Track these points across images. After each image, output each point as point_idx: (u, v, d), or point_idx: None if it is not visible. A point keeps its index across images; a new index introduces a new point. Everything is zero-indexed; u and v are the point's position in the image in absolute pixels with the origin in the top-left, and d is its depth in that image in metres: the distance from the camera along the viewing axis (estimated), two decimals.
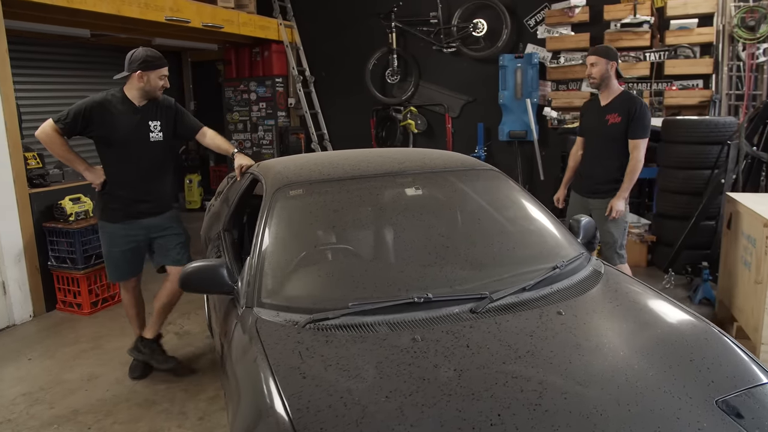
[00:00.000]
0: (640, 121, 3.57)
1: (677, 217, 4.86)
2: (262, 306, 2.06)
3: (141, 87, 3.16)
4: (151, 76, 3.14)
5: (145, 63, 3.11)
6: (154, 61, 3.15)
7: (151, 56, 3.14)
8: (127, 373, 3.49)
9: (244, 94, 8.05)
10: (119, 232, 3.30)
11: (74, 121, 3.10)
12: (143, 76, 3.12)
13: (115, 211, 3.28)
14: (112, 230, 3.30)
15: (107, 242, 3.34)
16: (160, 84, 3.20)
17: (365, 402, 1.56)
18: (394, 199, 2.58)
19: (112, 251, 3.33)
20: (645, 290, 2.28)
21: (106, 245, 3.35)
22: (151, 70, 3.13)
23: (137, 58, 3.12)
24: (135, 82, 3.16)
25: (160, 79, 3.19)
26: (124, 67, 3.18)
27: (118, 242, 3.32)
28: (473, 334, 1.87)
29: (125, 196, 3.27)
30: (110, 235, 3.31)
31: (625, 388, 1.65)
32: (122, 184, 3.26)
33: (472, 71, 7.19)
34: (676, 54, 6.02)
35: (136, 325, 3.54)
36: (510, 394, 1.60)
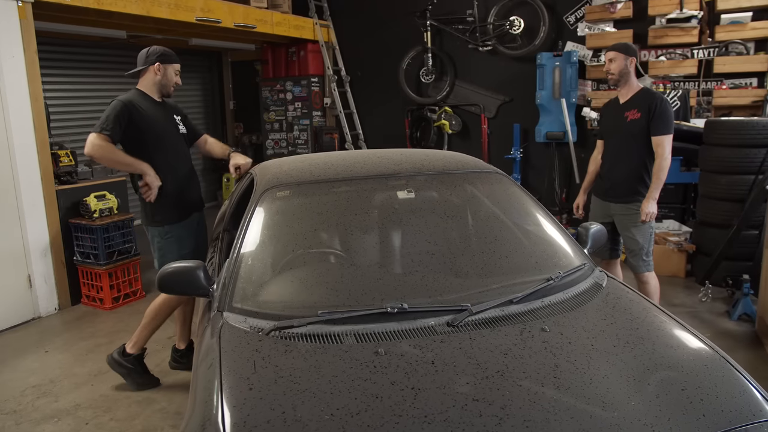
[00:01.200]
0: (662, 116, 3.34)
1: (719, 225, 4.52)
2: (232, 311, 1.99)
3: (158, 80, 3.16)
4: (168, 69, 3.16)
5: (163, 56, 3.14)
6: (171, 55, 3.19)
7: (168, 51, 3.18)
8: None
9: (280, 94, 8.10)
10: (184, 231, 3.24)
11: (118, 125, 2.99)
12: (160, 68, 3.13)
13: (173, 209, 3.20)
14: (179, 231, 3.21)
15: (177, 246, 3.18)
16: (175, 79, 3.21)
17: (307, 419, 1.47)
18: (383, 203, 2.46)
19: (184, 255, 3.13)
20: (648, 308, 2.07)
21: (175, 250, 3.16)
22: (168, 63, 3.15)
23: (154, 52, 3.14)
24: (151, 76, 3.15)
25: (176, 74, 3.21)
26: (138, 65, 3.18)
27: (186, 243, 3.23)
28: (442, 350, 1.74)
29: (176, 192, 3.20)
30: (178, 237, 3.20)
31: (599, 418, 1.49)
32: (171, 181, 3.18)
33: (509, 70, 6.97)
34: (727, 50, 5.63)
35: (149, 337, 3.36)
36: (466, 419, 1.47)
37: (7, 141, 4.19)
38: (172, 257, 3.12)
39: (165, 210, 3.17)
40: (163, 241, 3.19)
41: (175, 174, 3.21)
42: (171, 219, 3.19)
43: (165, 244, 3.19)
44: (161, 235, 3.18)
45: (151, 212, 3.18)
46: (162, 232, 3.18)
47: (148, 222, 3.22)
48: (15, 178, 4.25)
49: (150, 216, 3.19)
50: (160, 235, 3.19)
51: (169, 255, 3.14)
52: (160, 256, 3.19)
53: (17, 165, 4.25)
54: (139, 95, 3.15)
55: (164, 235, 3.18)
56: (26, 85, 4.26)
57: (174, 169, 3.20)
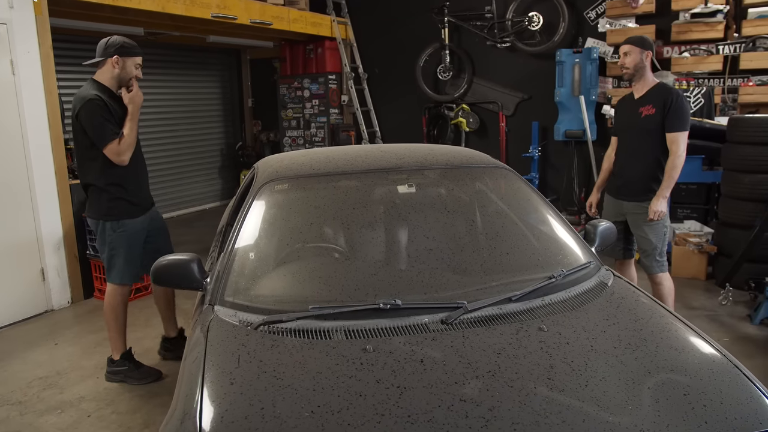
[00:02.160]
0: (677, 112, 3.22)
1: (741, 226, 4.36)
2: (223, 304, 1.96)
3: (116, 74, 3.07)
4: (127, 62, 3.07)
5: (122, 48, 3.04)
6: (132, 48, 3.09)
7: (128, 43, 3.09)
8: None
9: (297, 91, 8.09)
10: (139, 227, 3.23)
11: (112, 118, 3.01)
12: (119, 62, 3.04)
13: (134, 205, 3.19)
14: (133, 227, 3.19)
15: (127, 241, 3.17)
16: (134, 72, 3.11)
17: (286, 416, 1.42)
18: (382, 197, 2.40)
19: (133, 251, 3.20)
20: (654, 308, 1.98)
21: (126, 245, 3.16)
22: (127, 56, 3.06)
23: (114, 44, 3.04)
24: (109, 68, 3.06)
25: (136, 68, 3.11)
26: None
27: (137, 238, 3.22)
28: (433, 348, 1.68)
29: (136, 188, 3.20)
30: (131, 234, 3.18)
31: (593, 422, 1.41)
32: (133, 176, 3.17)
33: (528, 67, 6.85)
34: (754, 46, 5.44)
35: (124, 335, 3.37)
36: (451, 420, 1.40)
37: (21, 136, 4.24)
38: (121, 252, 3.15)
39: (123, 205, 3.14)
40: (114, 236, 3.15)
41: (135, 170, 3.18)
42: (128, 214, 3.16)
43: (116, 237, 3.15)
44: (114, 228, 3.14)
45: (106, 206, 3.12)
46: (115, 226, 3.14)
47: (99, 216, 3.15)
48: (29, 173, 4.30)
49: (105, 209, 3.13)
50: (112, 229, 3.14)
51: (119, 249, 3.15)
52: (109, 249, 3.17)
53: (32, 159, 4.30)
54: (98, 88, 3.05)
55: (117, 228, 3.14)
56: (41, 80, 4.31)
57: (134, 165, 3.16)
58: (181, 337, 3.62)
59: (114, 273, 3.21)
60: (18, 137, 4.23)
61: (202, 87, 8.49)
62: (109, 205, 3.12)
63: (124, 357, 3.32)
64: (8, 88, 4.14)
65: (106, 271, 3.28)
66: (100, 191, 3.12)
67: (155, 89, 7.50)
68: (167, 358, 3.62)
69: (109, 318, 3.26)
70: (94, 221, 3.21)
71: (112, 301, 3.23)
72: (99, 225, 3.18)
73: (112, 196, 3.11)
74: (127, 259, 3.18)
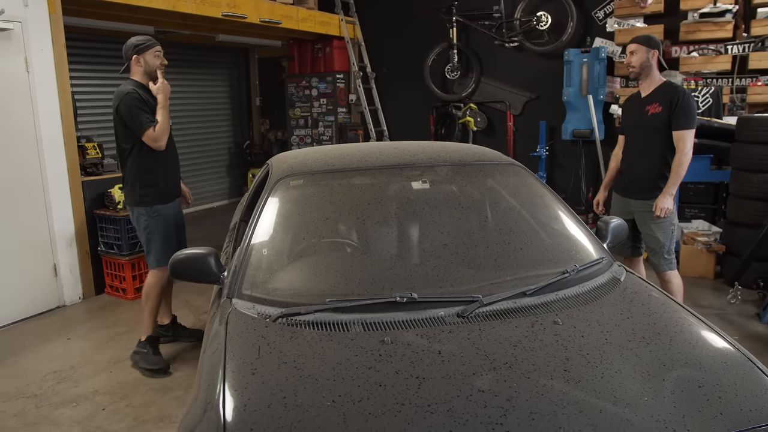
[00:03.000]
0: (684, 110, 3.25)
1: (750, 225, 4.37)
2: (241, 297, 1.99)
3: (143, 69, 3.32)
4: (146, 57, 3.30)
5: (136, 47, 3.29)
6: (145, 42, 3.32)
7: (140, 40, 3.33)
8: None
9: (305, 90, 8.13)
10: (171, 211, 3.47)
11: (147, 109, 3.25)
12: (139, 59, 3.30)
13: (163, 192, 3.42)
14: (166, 212, 3.43)
15: (163, 225, 3.41)
16: (157, 62, 3.33)
17: (308, 405, 1.44)
18: (396, 193, 2.43)
19: (169, 233, 3.44)
20: (667, 303, 2.00)
21: (162, 228, 3.40)
22: (144, 51, 3.29)
23: (129, 46, 3.31)
24: (135, 68, 3.33)
25: (156, 58, 3.34)
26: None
27: (171, 223, 3.46)
28: (450, 340, 1.70)
29: (167, 176, 3.43)
30: (165, 217, 3.42)
31: (609, 413, 1.43)
32: (167, 166, 3.42)
33: (536, 67, 6.86)
34: (763, 46, 5.44)
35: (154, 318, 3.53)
36: (470, 410, 1.43)
37: (35, 132, 4.28)
38: (158, 236, 3.38)
39: (156, 192, 3.36)
40: (150, 220, 3.37)
41: (167, 160, 3.42)
42: (160, 200, 3.39)
43: (152, 222, 3.38)
44: (149, 214, 3.37)
45: (140, 193, 3.34)
46: (150, 212, 3.36)
47: (135, 202, 3.38)
48: (42, 170, 4.34)
49: (138, 196, 3.35)
50: (148, 214, 3.37)
51: (156, 233, 3.37)
52: (146, 234, 3.40)
53: (45, 156, 4.34)
54: (133, 84, 3.31)
55: (152, 214, 3.37)
56: (55, 78, 4.35)
57: (166, 155, 3.40)
58: (173, 324, 3.84)
59: (152, 257, 3.42)
60: (32, 134, 4.27)
61: (211, 85, 8.53)
62: (142, 192, 3.34)
63: (148, 340, 3.45)
64: (22, 86, 4.18)
65: (146, 256, 3.50)
66: (135, 180, 3.35)
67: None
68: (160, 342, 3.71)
69: (143, 299, 3.46)
70: (131, 208, 3.44)
71: (149, 282, 3.43)
72: (135, 212, 3.40)
73: (145, 184, 3.34)
74: (164, 242, 3.38)
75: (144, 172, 3.33)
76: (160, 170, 3.38)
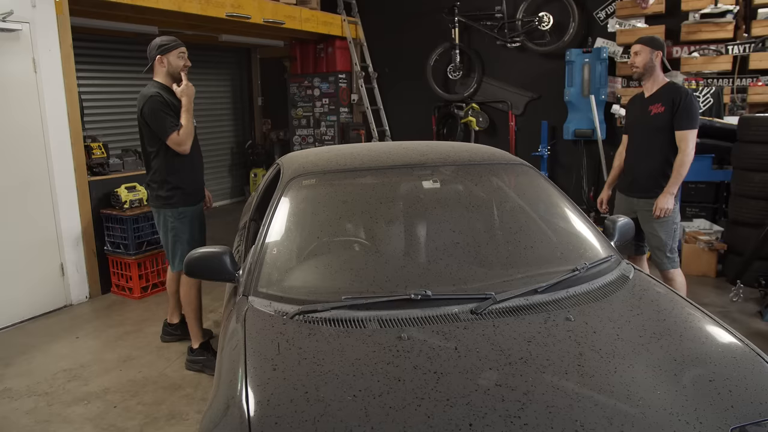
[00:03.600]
0: (686, 110, 3.29)
1: (752, 225, 4.41)
2: (257, 295, 2.02)
3: (166, 70, 3.31)
4: (170, 57, 3.29)
5: (160, 48, 3.29)
6: (169, 43, 3.31)
7: (165, 40, 3.33)
8: (159, 357, 3.60)
9: (308, 90, 8.15)
10: (195, 214, 3.44)
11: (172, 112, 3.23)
12: (163, 60, 3.29)
13: (192, 194, 3.41)
14: (191, 213, 3.40)
15: (189, 227, 3.38)
16: (181, 63, 3.32)
17: (330, 399, 1.48)
18: (408, 192, 2.47)
19: (194, 235, 3.40)
20: (675, 300, 2.04)
21: (188, 230, 3.37)
22: (168, 52, 3.29)
23: (153, 46, 3.31)
24: (159, 68, 3.32)
25: (180, 58, 3.32)
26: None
27: (196, 224, 3.43)
28: (465, 336, 1.74)
29: (193, 179, 3.42)
30: (191, 218, 3.40)
31: (624, 405, 1.47)
32: (193, 168, 3.41)
33: (537, 67, 6.90)
34: (764, 46, 5.48)
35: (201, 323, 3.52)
36: (488, 403, 1.46)
37: (42, 132, 4.31)
38: (185, 238, 3.35)
39: (182, 194, 3.34)
40: (176, 222, 3.35)
41: (192, 162, 3.42)
42: (186, 202, 3.37)
43: (178, 224, 3.36)
44: (175, 215, 3.35)
45: (167, 195, 3.33)
46: (176, 213, 3.34)
47: (161, 204, 3.35)
48: (50, 169, 4.37)
49: (165, 199, 3.33)
50: (174, 216, 3.35)
51: (182, 236, 3.35)
52: (172, 236, 3.37)
53: (52, 156, 4.36)
54: (157, 86, 3.29)
55: (178, 216, 3.35)
56: (62, 78, 4.38)
57: (192, 157, 3.39)
58: (182, 323, 3.77)
59: (178, 259, 3.38)
60: (39, 134, 4.29)
61: (213, 85, 8.55)
62: (169, 194, 3.32)
63: (202, 347, 3.45)
64: (30, 86, 4.21)
65: (169, 260, 3.47)
66: (161, 182, 3.33)
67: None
68: (167, 341, 3.83)
69: (186, 308, 3.45)
70: (156, 210, 3.41)
71: (186, 291, 3.40)
72: (160, 214, 3.39)
73: (171, 186, 3.32)
74: (190, 243, 3.35)
75: (170, 174, 3.30)
76: (187, 172, 3.37)
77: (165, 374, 3.38)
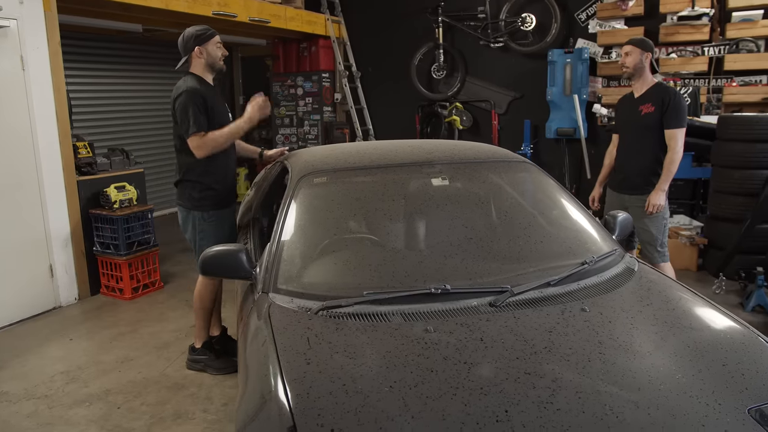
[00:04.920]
0: (675, 110, 3.43)
1: (731, 220, 4.59)
2: (277, 292, 2.05)
3: (204, 62, 3.15)
4: (208, 47, 3.14)
5: (197, 38, 3.12)
6: (205, 32, 3.15)
7: (200, 30, 3.16)
8: (159, 357, 3.58)
9: (291, 89, 8.14)
10: (224, 216, 3.30)
11: (202, 114, 3.04)
12: (201, 51, 3.13)
13: (220, 196, 3.25)
14: (220, 216, 3.26)
15: (214, 230, 3.22)
16: (219, 53, 3.19)
17: (367, 391, 1.52)
18: (419, 189, 2.52)
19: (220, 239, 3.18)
20: (681, 290, 2.14)
21: (212, 234, 3.20)
22: (205, 42, 3.13)
23: (189, 37, 3.13)
24: (197, 60, 3.15)
25: (218, 48, 3.19)
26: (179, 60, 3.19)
27: (223, 227, 3.27)
28: (489, 328, 1.79)
29: (225, 182, 3.26)
30: (219, 221, 3.24)
31: (647, 390, 1.54)
32: (223, 171, 3.23)
33: (520, 67, 7.02)
34: (737, 48, 5.69)
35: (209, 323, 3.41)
36: (520, 391, 1.52)
37: (31, 131, 4.23)
38: (211, 241, 3.16)
39: (215, 195, 3.21)
40: (204, 224, 3.21)
41: (227, 162, 3.28)
42: (216, 205, 3.23)
43: (206, 226, 3.21)
44: (204, 218, 3.20)
45: (197, 196, 3.18)
46: (205, 216, 3.20)
47: (191, 205, 3.21)
48: (38, 169, 4.29)
49: (194, 199, 3.20)
50: (202, 219, 3.20)
51: (209, 238, 3.19)
52: (200, 239, 3.22)
53: (40, 156, 4.29)
54: (196, 81, 3.12)
55: (207, 218, 3.21)
56: (50, 76, 4.30)
57: (227, 157, 3.26)
58: (223, 336, 3.55)
59: None
60: (27, 133, 4.21)
61: None
62: (201, 196, 3.18)
63: (205, 346, 3.37)
64: (18, 85, 4.13)
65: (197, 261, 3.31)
66: (193, 183, 3.18)
67: (150, 86, 7.50)
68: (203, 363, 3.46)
69: (196, 306, 3.33)
70: (185, 210, 3.25)
71: (201, 290, 3.30)
72: (189, 215, 3.24)
73: (204, 187, 3.17)
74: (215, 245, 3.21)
75: (204, 175, 3.15)
76: (221, 174, 3.21)
77: (166, 374, 3.37)
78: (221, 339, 3.53)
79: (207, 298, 3.31)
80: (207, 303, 3.32)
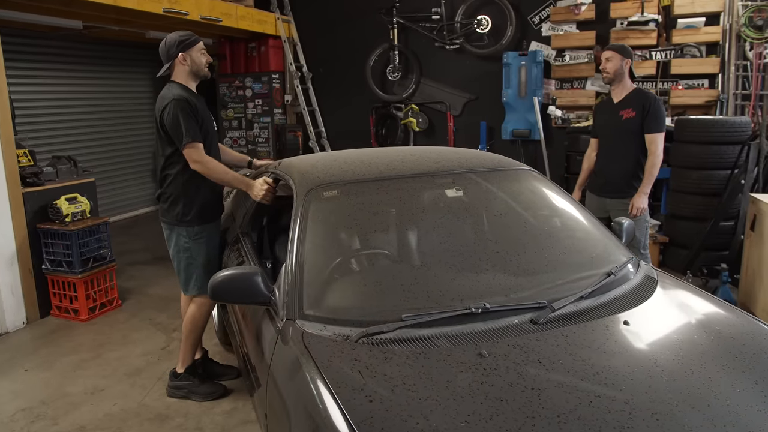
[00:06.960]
0: (655, 115, 3.54)
1: (690, 218, 4.79)
2: (305, 318, 1.90)
3: (188, 69, 2.98)
4: (192, 54, 2.96)
5: (181, 44, 2.93)
6: (189, 38, 2.97)
7: (184, 36, 2.97)
8: (132, 385, 3.29)
9: (239, 90, 7.82)
10: (214, 232, 3.10)
11: (195, 123, 2.85)
12: (185, 58, 2.94)
13: (208, 209, 3.04)
14: (210, 232, 3.05)
15: (206, 248, 3.01)
16: (203, 60, 3.01)
17: (443, 428, 1.41)
18: (435, 201, 2.43)
19: (211, 258, 3.04)
20: (706, 297, 2.17)
21: (204, 252, 3.00)
22: (189, 48, 2.95)
23: (172, 43, 2.93)
24: (180, 67, 2.97)
25: (202, 54, 3.02)
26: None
27: (213, 244, 3.07)
28: (542, 348, 1.73)
29: (212, 192, 3.05)
30: (209, 238, 3.04)
31: (717, 407, 1.53)
32: (209, 183, 2.98)
33: (475, 69, 7.06)
34: (682, 53, 5.96)
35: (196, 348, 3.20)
36: (598, 416, 1.46)
37: None
38: (200, 260, 2.99)
39: (201, 209, 2.99)
40: (191, 242, 2.98)
41: None
42: (205, 219, 3.01)
43: (193, 245, 2.98)
44: (190, 235, 2.97)
45: (182, 210, 2.95)
46: (192, 233, 2.97)
47: (175, 221, 2.97)
48: None
49: (179, 215, 2.96)
50: (188, 236, 2.97)
51: (197, 257, 2.99)
52: (186, 257, 2.99)
53: None
54: (181, 89, 2.94)
55: (194, 235, 2.97)
56: None
57: None
58: (204, 359, 3.30)
59: (192, 283, 3.00)
60: None
61: (134, 85, 7.97)
62: (185, 210, 2.96)
63: (188, 371, 3.12)
64: None
65: (182, 282, 3.05)
66: (176, 196, 2.96)
67: (85, 86, 6.98)
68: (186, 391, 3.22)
69: (187, 330, 3.10)
70: (169, 227, 3.00)
71: (196, 314, 3.05)
72: (173, 231, 2.98)
73: (189, 201, 2.96)
74: (206, 266, 2.98)
75: (189, 187, 2.94)
76: (208, 187, 2.99)
77: (145, 404, 3.10)
78: (203, 362, 3.28)
79: (202, 322, 3.08)
80: (200, 327, 3.10)
